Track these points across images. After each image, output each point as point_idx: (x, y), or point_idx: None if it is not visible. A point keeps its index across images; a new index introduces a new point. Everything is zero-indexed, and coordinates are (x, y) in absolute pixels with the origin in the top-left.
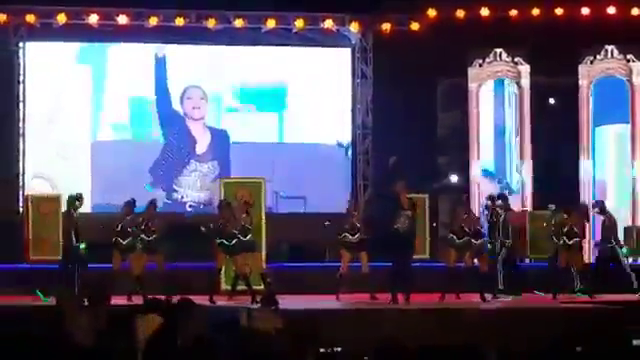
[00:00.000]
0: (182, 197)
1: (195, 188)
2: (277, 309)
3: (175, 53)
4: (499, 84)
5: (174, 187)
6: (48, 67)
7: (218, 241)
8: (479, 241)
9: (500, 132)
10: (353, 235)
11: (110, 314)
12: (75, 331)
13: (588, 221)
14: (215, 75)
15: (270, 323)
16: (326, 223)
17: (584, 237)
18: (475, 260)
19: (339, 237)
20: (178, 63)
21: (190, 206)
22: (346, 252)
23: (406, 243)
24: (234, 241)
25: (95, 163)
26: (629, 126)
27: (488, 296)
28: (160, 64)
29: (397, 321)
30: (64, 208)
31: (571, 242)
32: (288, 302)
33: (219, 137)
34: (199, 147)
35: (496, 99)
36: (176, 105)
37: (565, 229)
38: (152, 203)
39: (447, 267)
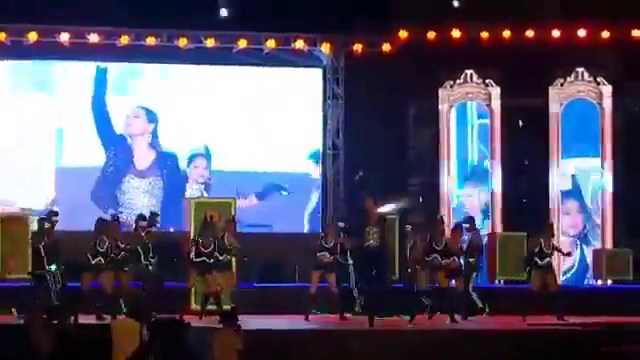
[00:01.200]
0: (127, 219)
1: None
2: (238, 330)
3: (144, 70)
4: (462, 115)
5: (119, 209)
6: (15, 88)
7: (198, 260)
8: (456, 261)
9: (463, 163)
10: (330, 255)
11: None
12: (41, 348)
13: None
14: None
15: (231, 344)
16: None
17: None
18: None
19: (317, 255)
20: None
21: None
22: (316, 272)
23: (378, 260)
24: (212, 260)
25: (59, 189)
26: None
27: (457, 317)
28: (99, 80)
29: (365, 342)
30: (34, 227)
31: (542, 262)
32: (257, 322)
33: (165, 156)
34: (139, 163)
35: (459, 130)
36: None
37: (536, 250)
38: (117, 220)
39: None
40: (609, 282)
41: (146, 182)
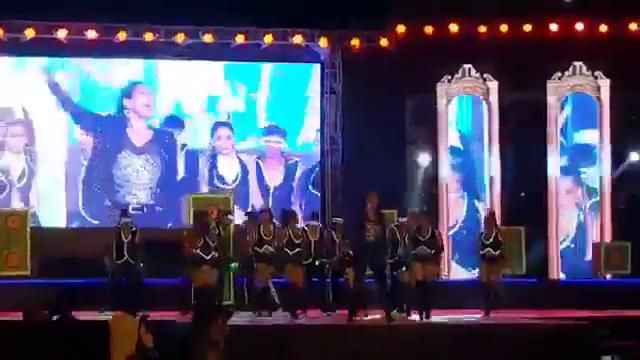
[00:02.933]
0: (124, 196)
1: (134, 186)
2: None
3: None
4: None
5: (115, 188)
6: (17, 80)
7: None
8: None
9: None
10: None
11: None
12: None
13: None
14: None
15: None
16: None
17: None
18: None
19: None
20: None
21: (133, 209)
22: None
23: (376, 256)
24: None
25: (69, 174)
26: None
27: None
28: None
29: (360, 338)
30: (31, 223)
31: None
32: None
33: (162, 135)
34: (135, 140)
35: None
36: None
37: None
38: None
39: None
40: (608, 276)
41: (140, 160)
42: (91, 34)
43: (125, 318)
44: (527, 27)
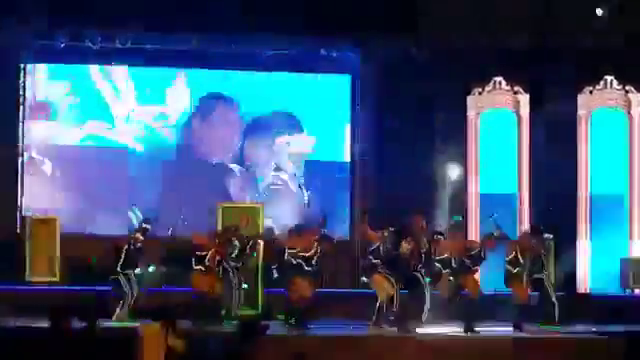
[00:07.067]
0: None
1: None
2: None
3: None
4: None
5: None
6: (50, 89)
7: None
8: None
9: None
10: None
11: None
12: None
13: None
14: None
15: None
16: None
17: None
18: None
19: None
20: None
21: None
22: None
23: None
24: None
25: None
26: None
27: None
28: None
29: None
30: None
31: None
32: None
33: None
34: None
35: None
36: None
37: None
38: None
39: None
40: (637, 291)
41: None
42: (124, 42)
43: (153, 326)
44: (559, 40)
